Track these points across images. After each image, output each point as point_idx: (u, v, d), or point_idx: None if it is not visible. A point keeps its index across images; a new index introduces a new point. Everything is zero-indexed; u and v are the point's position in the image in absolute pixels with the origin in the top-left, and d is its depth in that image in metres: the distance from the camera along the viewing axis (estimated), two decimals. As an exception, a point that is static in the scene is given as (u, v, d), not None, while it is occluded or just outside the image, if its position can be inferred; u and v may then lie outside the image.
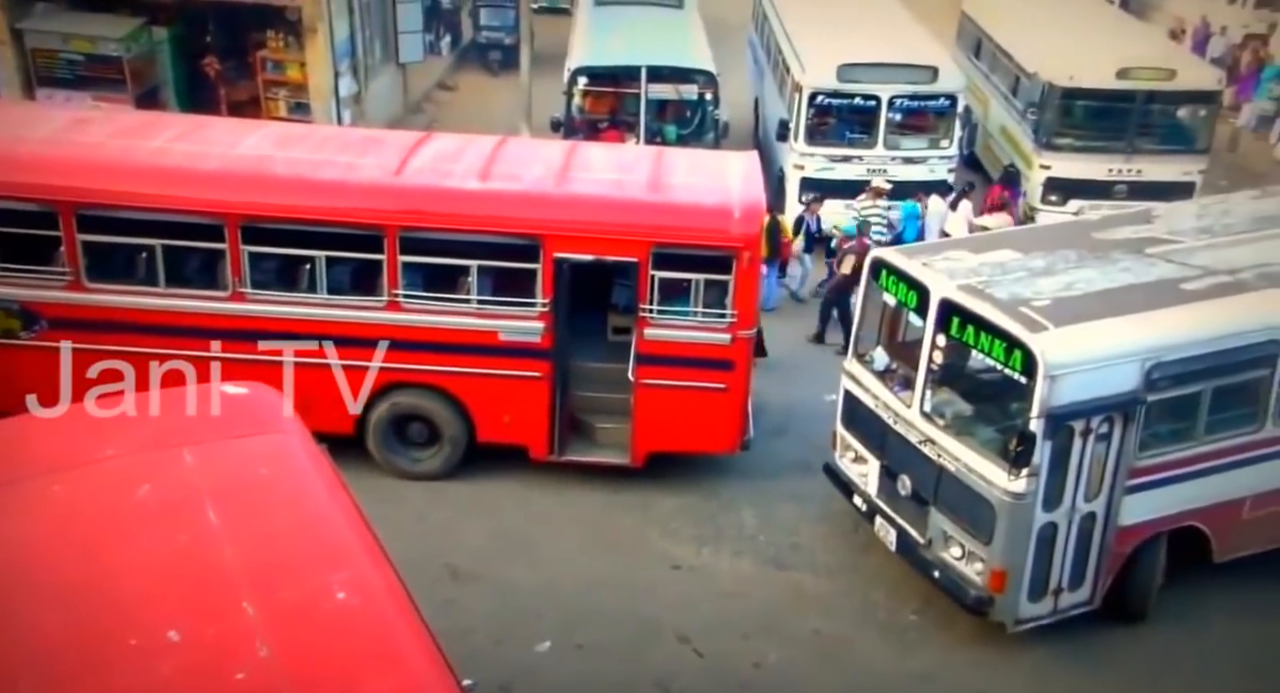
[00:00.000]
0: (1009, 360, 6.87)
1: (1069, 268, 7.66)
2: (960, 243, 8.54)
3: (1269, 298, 7.38)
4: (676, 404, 8.74)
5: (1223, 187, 15.33)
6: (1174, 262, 7.76)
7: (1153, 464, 7.26)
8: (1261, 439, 7.57)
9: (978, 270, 7.56)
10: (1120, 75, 13.66)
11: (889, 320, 8.32)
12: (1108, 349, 6.90)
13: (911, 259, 7.92)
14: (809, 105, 13.54)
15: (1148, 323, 7.05)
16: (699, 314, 8.65)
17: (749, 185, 9.01)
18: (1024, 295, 7.19)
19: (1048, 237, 8.53)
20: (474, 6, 21.62)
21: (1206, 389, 7.24)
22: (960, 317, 7.23)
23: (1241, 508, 7.73)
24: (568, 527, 8.85)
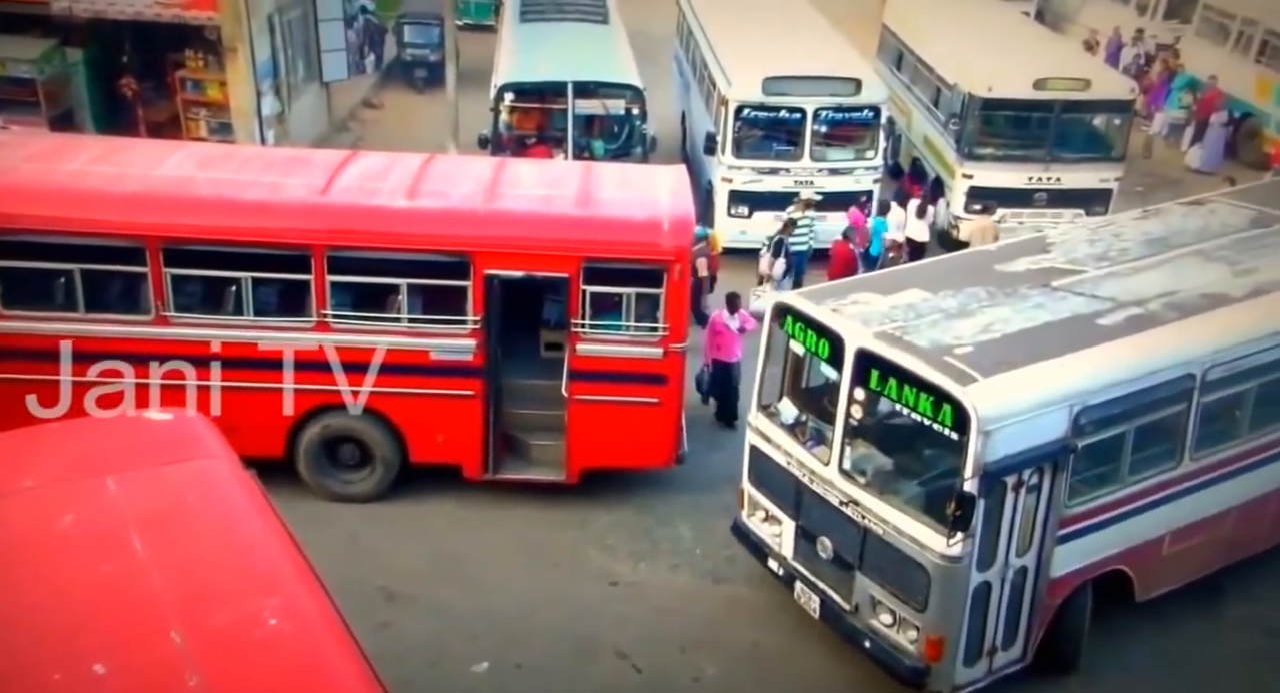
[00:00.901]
0: (937, 415, 6.41)
1: (982, 307, 7.28)
2: (866, 283, 7.94)
3: (1182, 330, 7.19)
4: (610, 419, 8.77)
5: (1139, 193, 15.98)
6: (1083, 295, 7.51)
7: (1081, 511, 6.98)
8: (1180, 475, 7.39)
9: (891, 315, 7.12)
10: (1037, 86, 14.09)
11: (795, 368, 7.84)
12: (1037, 397, 6.52)
13: (820, 305, 7.38)
14: (735, 118, 13.73)
15: (1073, 366, 6.72)
16: (631, 329, 8.71)
17: (678, 199, 9.11)
18: (945, 342, 6.79)
19: (952, 272, 8.03)
20: (398, 24, 21.52)
21: (1129, 429, 6.99)
22: (880, 368, 6.76)
23: (1161, 545, 7.53)
24: (504, 546, 8.81)
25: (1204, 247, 8.24)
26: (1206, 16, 20.00)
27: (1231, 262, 8.00)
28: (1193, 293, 7.52)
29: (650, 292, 8.62)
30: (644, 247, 8.55)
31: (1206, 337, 7.15)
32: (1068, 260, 8.05)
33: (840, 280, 7.93)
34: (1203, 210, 9.01)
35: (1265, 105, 17.83)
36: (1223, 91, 18.36)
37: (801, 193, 13.41)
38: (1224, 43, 19.20)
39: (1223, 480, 7.57)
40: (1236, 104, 18.11)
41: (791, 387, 7.89)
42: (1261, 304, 7.47)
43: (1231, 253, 8.15)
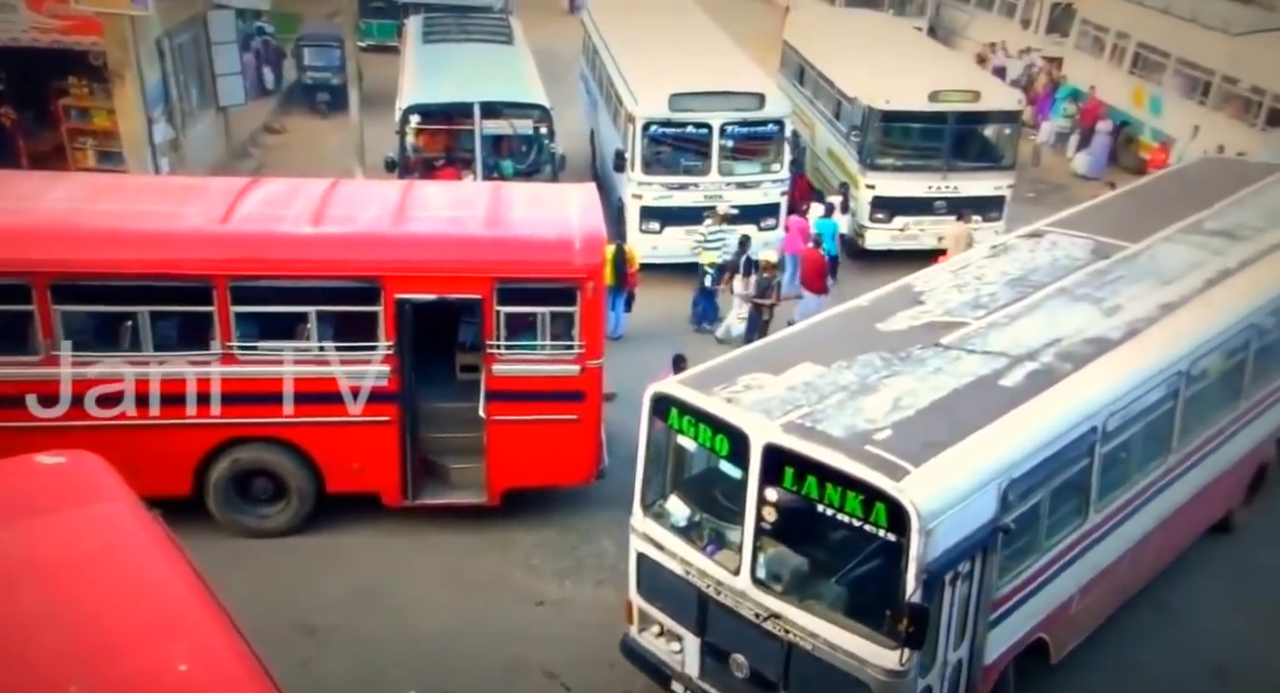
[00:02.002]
0: (869, 515, 5.67)
1: (883, 378, 6.62)
2: (750, 360, 6.98)
3: (1081, 383, 6.84)
4: (530, 439, 8.71)
5: (1029, 198, 16.65)
6: (975, 351, 7.02)
7: (1009, 590, 6.51)
8: (1087, 530, 7.12)
9: (791, 399, 6.33)
10: (932, 98, 14.60)
11: (681, 462, 6.98)
12: (969, 480, 5.91)
13: (710, 394, 6.44)
14: (643, 135, 13.85)
15: (995, 439, 6.19)
16: (547, 347, 8.67)
17: (588, 216, 9.13)
18: (860, 427, 6.07)
19: (835, 337, 7.32)
20: (297, 47, 21.13)
21: (1045, 495, 6.58)
22: (795, 466, 5.95)
23: (1072, 605, 7.22)
24: (427, 572, 8.66)
25: (1064, 284, 8.03)
26: (1084, 30, 21.00)
27: (1095, 299, 7.82)
28: (1076, 339, 7.23)
29: (565, 310, 8.60)
30: (556, 265, 8.53)
31: (1103, 386, 6.89)
32: (945, 311, 7.57)
33: (722, 360, 7.01)
34: (1044, 243, 8.85)
35: (1140, 114, 18.78)
36: (1103, 101, 19.26)
37: (717, 207, 13.57)
38: (1100, 55, 20.17)
39: (1118, 527, 7.42)
40: (1115, 113, 19.03)
41: (678, 482, 6.99)
42: (1141, 344, 7.32)
43: (1091, 289, 7.98)
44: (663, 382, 6.90)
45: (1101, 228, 9.15)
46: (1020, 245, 8.89)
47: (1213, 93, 16.99)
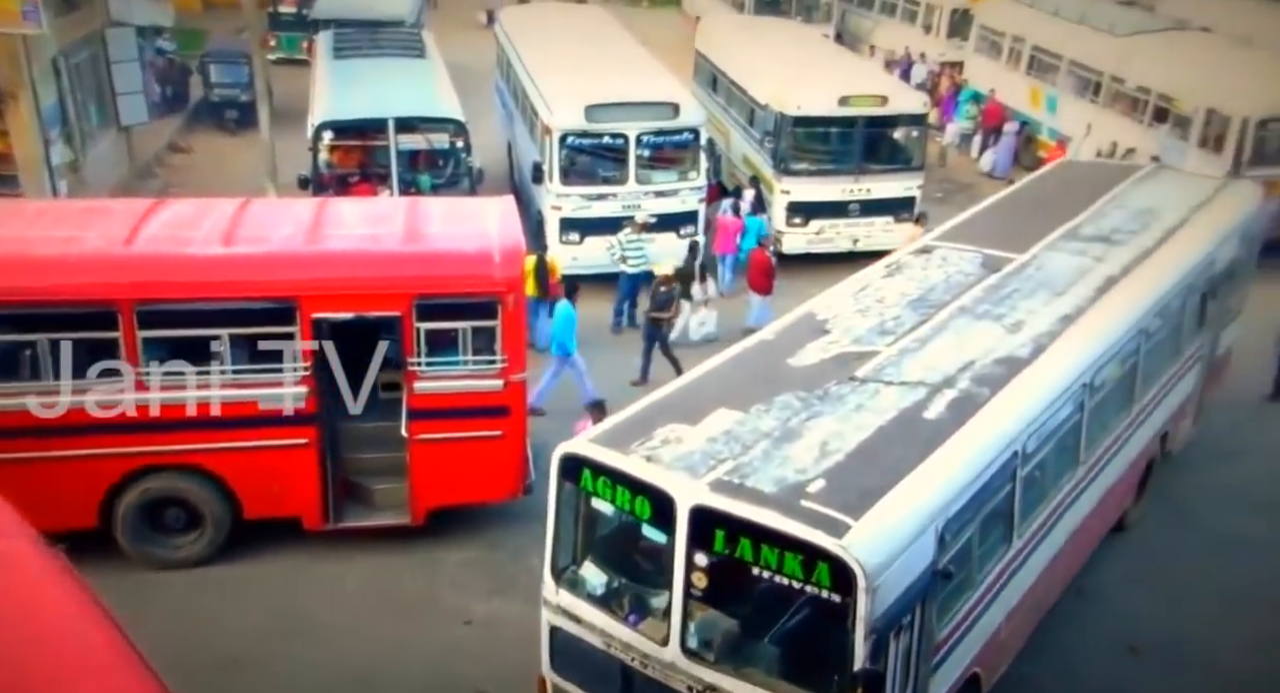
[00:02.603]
0: (810, 576, 5.30)
1: (804, 421, 6.26)
2: (663, 409, 6.46)
3: (1000, 408, 6.65)
4: (454, 456, 8.62)
5: (938, 198, 17.10)
6: (892, 382, 6.77)
7: (948, 632, 6.26)
8: (1012, 556, 6.94)
9: (714, 452, 5.90)
10: (841, 103, 14.93)
11: (592, 523, 6.49)
12: (908, 527, 5.60)
13: (626, 453, 5.95)
14: (560, 146, 13.85)
15: (926, 479, 5.91)
16: (469, 363, 8.59)
17: (507, 229, 9.09)
18: (791, 479, 5.71)
19: (747, 376, 6.90)
20: (202, 63, 20.62)
21: (976, 529, 6.36)
22: (726, 528, 5.53)
23: (1001, 633, 7.02)
24: (352, 596, 8.50)
25: (963, 301, 7.89)
26: (982, 34, 21.72)
27: (996, 316, 7.71)
28: (988, 360, 7.08)
29: (486, 324, 8.54)
30: (476, 279, 8.48)
31: (1021, 409, 6.75)
32: (853, 340, 7.30)
33: (633, 410, 6.48)
34: (934, 258, 8.70)
35: (1038, 113, 19.48)
36: (1003, 102, 19.92)
37: (635, 216, 13.64)
38: (998, 58, 20.88)
39: (1038, 547, 7.32)
40: (1015, 113, 19.69)
41: (592, 545, 6.49)
42: (1049, 361, 7.23)
43: (990, 305, 7.86)
44: (572, 441, 6.30)
45: (986, 239, 9.05)
46: (913, 262, 8.69)
47: (1103, 92, 17.71)
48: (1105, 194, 10.15)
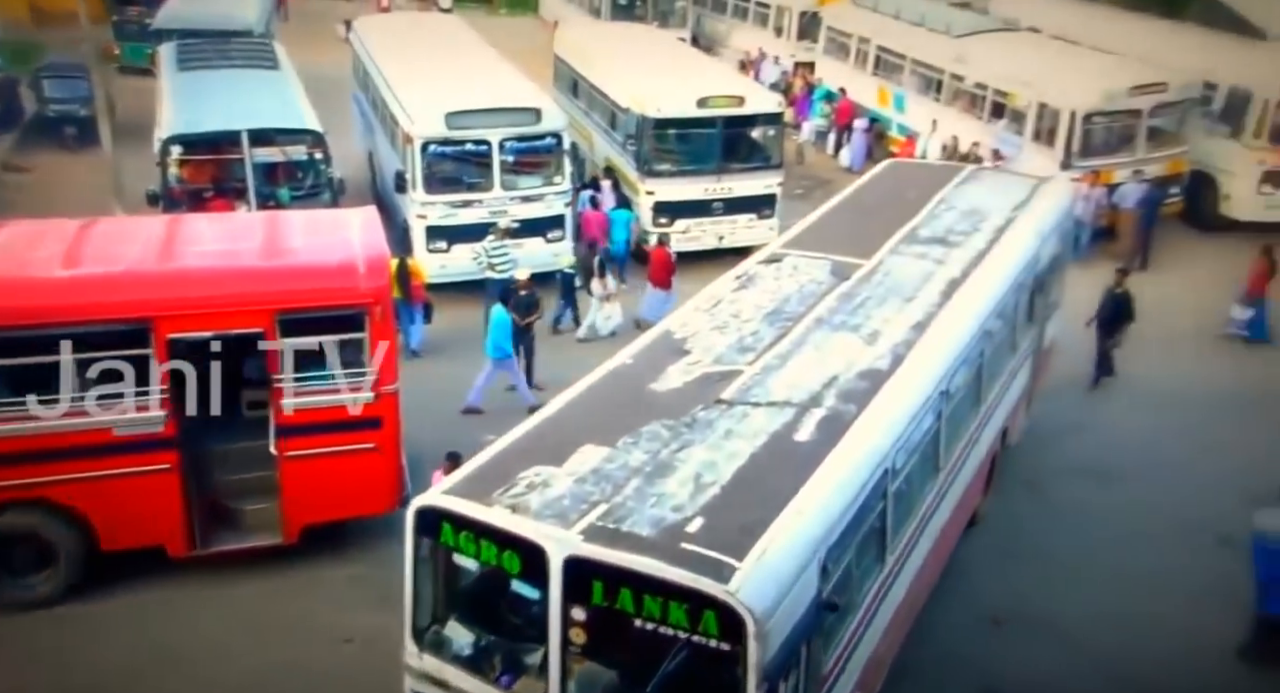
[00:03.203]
0: (697, 625, 5.01)
1: (675, 453, 5.99)
2: (525, 449, 6.10)
3: (870, 425, 6.56)
4: (326, 472, 8.49)
5: (798, 195, 17.70)
6: (759, 403, 6.58)
7: (832, 663, 6.04)
8: (886, 575, 6.87)
9: (584, 495, 5.57)
10: (700, 104, 15.32)
11: (453, 578, 6.06)
12: (793, 562, 5.35)
13: (489, 504, 5.53)
14: (422, 155, 13.75)
15: (806, 508, 5.68)
16: (338, 377, 8.47)
17: (370, 240, 9.02)
18: (670, 520, 5.39)
19: (610, 407, 6.60)
20: (36, 78, 19.52)
21: (853, 552, 6.17)
22: (604, 578, 5.19)
23: (878, 651, 6.95)
24: (226, 624, 8.28)
25: (818, 313, 7.81)
26: (830, 36, 22.60)
27: (852, 327, 7.68)
28: (850, 375, 7.02)
29: (353, 336, 8.45)
30: (340, 291, 8.39)
31: (888, 425, 6.69)
32: (715, 360, 7.10)
33: (492, 453, 6.09)
34: (785, 268, 8.61)
35: (887, 111, 20.42)
36: (855, 101, 20.80)
37: (499, 222, 13.66)
38: (846, 59, 21.78)
39: (908, 560, 7.30)
40: (867, 111, 20.57)
41: (456, 602, 6.07)
42: (909, 372, 7.22)
43: (845, 316, 7.83)
44: (428, 494, 5.84)
45: (831, 246, 9.03)
46: (764, 273, 8.55)
47: (945, 90, 18.71)
48: (934, 196, 10.32)
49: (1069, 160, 15.76)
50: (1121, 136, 16.08)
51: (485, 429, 10.00)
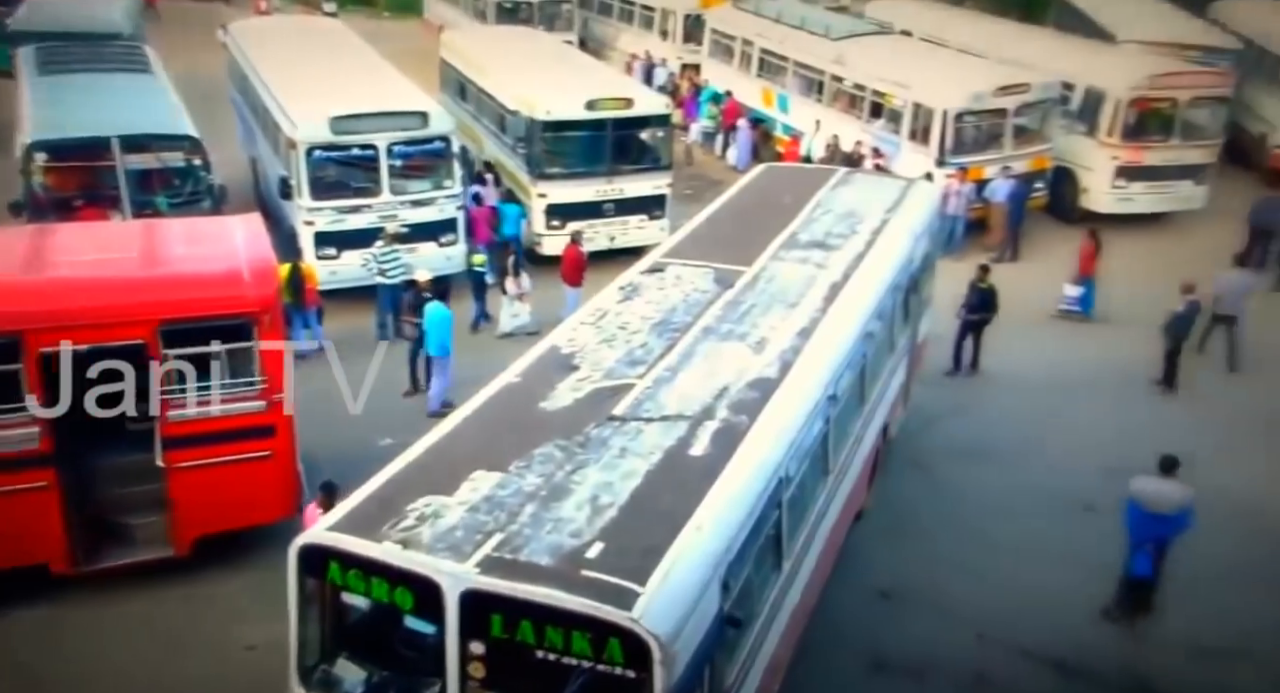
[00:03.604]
0: (601, 654, 4.93)
1: (569, 474, 5.85)
2: (414, 477, 5.88)
3: (762, 435, 6.53)
4: (218, 482, 8.31)
5: (688, 195, 18.02)
6: (651, 418, 6.48)
7: (734, 676, 6.03)
8: (784, 581, 6.92)
9: (478, 524, 5.39)
10: (589, 106, 15.45)
11: (343, 613, 5.80)
12: (695, 582, 5.27)
13: (379, 540, 5.30)
14: (306, 160, 13.51)
15: (705, 525, 5.60)
16: (227, 386, 8.29)
17: (255, 247, 8.87)
18: (568, 546, 5.27)
19: (499, 429, 6.40)
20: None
21: (752, 562, 6.18)
22: (504, 611, 5.06)
23: (777, 656, 6.96)
24: (116, 642, 8.02)
25: (705, 322, 7.79)
26: (714, 39, 23.08)
27: (739, 335, 7.66)
28: (741, 384, 6.99)
29: (242, 345, 8.28)
30: (226, 300, 8.24)
31: (780, 433, 6.68)
32: (604, 374, 6.97)
33: (379, 482, 5.85)
34: (669, 277, 8.55)
35: (772, 112, 20.98)
36: (741, 102, 21.29)
37: (386, 227, 13.52)
38: (731, 61, 22.28)
39: (802, 566, 7.34)
40: (753, 112, 21.10)
41: (344, 637, 5.81)
42: (797, 379, 7.23)
43: (732, 324, 7.81)
44: (310, 531, 5.59)
45: (712, 253, 9.01)
46: (648, 283, 8.47)
47: (825, 91, 19.34)
48: (810, 200, 10.43)
49: (943, 157, 16.51)
50: (990, 135, 16.93)
51: (382, 433, 10.09)
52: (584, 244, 14.11)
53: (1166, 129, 17.25)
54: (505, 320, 13.66)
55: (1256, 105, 20.64)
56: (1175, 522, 8.53)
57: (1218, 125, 17.70)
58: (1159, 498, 8.51)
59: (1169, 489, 8.53)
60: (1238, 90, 19.30)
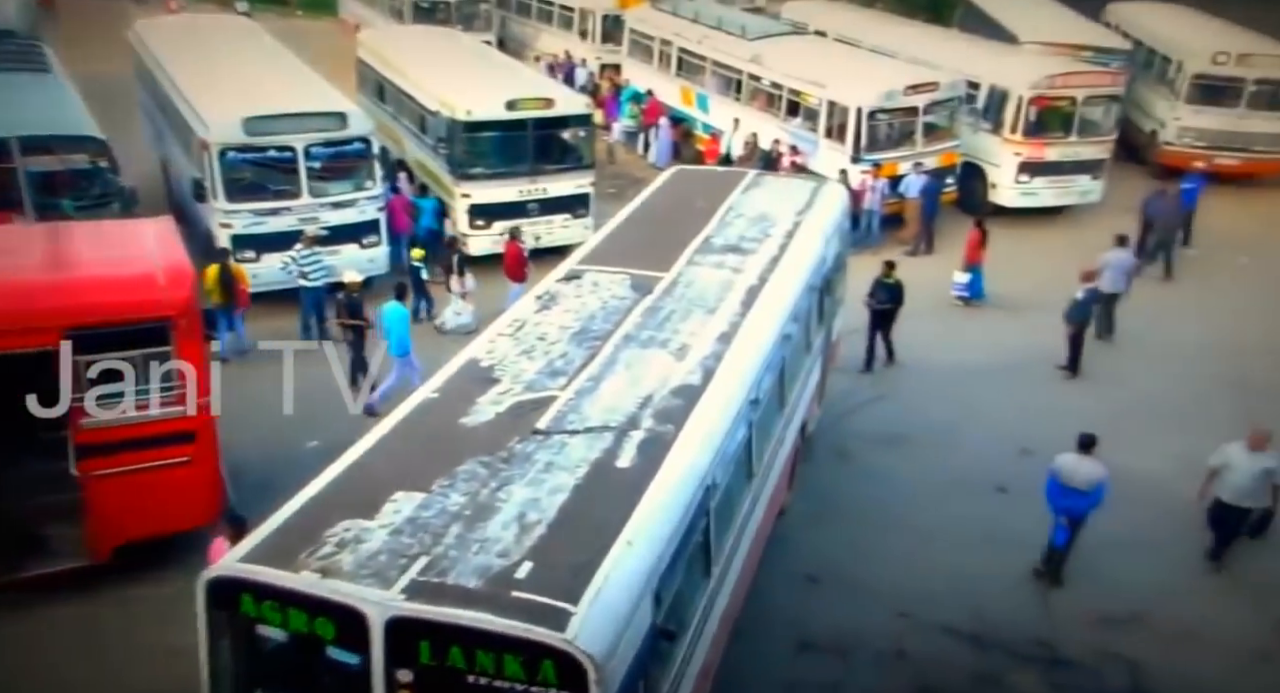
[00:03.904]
0: (535, 676, 4.80)
1: (494, 492, 5.67)
2: (330, 503, 5.62)
3: (682, 444, 6.39)
4: (137, 489, 8.13)
5: (611, 193, 18.13)
6: (576, 431, 6.33)
7: (668, 685, 5.98)
8: (712, 588, 6.89)
9: (402, 548, 5.18)
10: (510, 106, 15.45)
11: (257, 648, 5.41)
12: (628, 598, 5.19)
13: (297, 570, 5.03)
14: (220, 162, 13.25)
15: (636, 538, 5.50)
16: (145, 392, 8.11)
17: (168, 250, 8.71)
18: (496, 567, 5.10)
19: (419, 447, 6.21)
20: None
21: (683, 574, 6.10)
22: (432, 637, 4.88)
23: (708, 662, 6.94)
24: (40, 655, 7.82)
25: (626, 330, 7.65)
26: (634, 39, 23.25)
27: (661, 342, 7.55)
28: (665, 393, 6.89)
29: (159, 350, 8.11)
30: (139, 304, 8.07)
31: (706, 441, 6.61)
32: (525, 386, 6.80)
33: (294, 511, 5.56)
34: (586, 284, 8.42)
35: (692, 111, 21.24)
36: (662, 101, 21.49)
37: (306, 229, 13.34)
38: (651, 61, 22.48)
39: (730, 571, 7.32)
40: (674, 112, 21.32)
41: (259, 673, 5.50)
42: (720, 386, 7.15)
43: (652, 331, 7.69)
44: (220, 563, 5.27)
45: (629, 259, 8.90)
46: (565, 291, 8.34)
47: (744, 90, 19.66)
48: (723, 203, 10.36)
49: (857, 154, 16.95)
50: (902, 132, 17.43)
51: (310, 435, 9.97)
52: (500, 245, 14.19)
53: (1066, 126, 17.98)
54: (450, 318, 13.77)
55: (1146, 103, 21.71)
56: (1089, 497, 9.00)
57: (1111, 122, 18.52)
58: (1075, 474, 8.98)
59: (1085, 466, 8.98)
60: (1129, 89, 20.37)
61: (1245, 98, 20.02)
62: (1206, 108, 20.22)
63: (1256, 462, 8.96)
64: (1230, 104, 20.13)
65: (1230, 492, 9.20)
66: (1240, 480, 9.06)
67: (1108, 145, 18.43)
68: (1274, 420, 9.67)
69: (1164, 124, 20.91)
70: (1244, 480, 9.05)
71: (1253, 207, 19.75)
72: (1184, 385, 12.96)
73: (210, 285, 12.48)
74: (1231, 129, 20.13)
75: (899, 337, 13.39)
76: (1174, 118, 20.56)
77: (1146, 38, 22.45)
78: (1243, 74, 20.00)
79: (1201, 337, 14.39)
